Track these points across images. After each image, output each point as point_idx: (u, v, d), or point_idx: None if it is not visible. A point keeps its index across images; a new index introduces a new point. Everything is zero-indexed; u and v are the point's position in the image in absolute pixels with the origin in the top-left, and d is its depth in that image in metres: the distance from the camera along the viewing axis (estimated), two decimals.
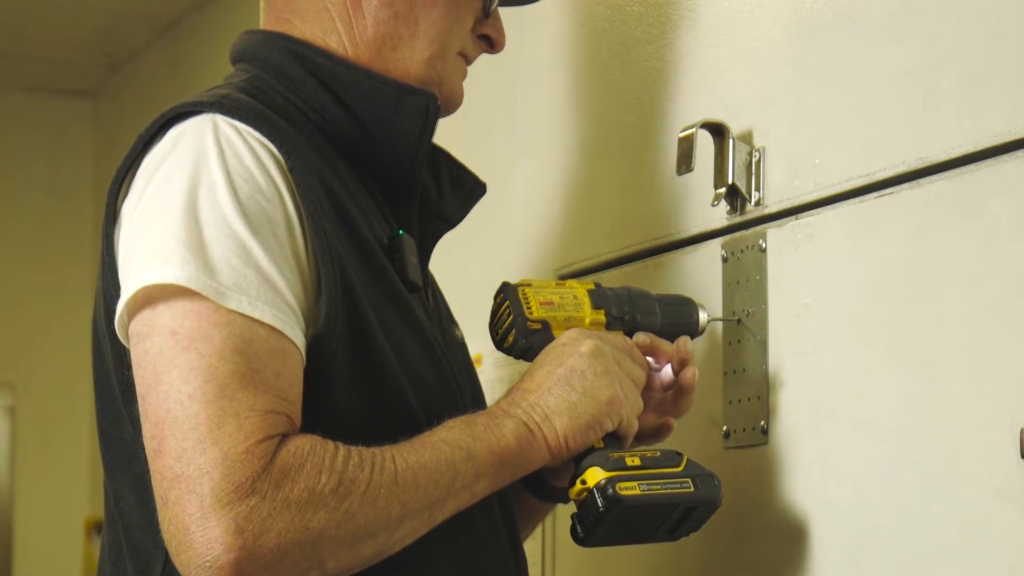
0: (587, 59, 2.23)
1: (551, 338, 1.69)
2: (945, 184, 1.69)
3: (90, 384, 1.63)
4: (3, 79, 4.76)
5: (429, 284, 1.76)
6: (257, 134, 1.55)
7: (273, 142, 1.55)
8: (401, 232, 1.67)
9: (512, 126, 2.43)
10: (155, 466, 1.45)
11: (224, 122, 1.55)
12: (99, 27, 4.29)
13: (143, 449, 1.48)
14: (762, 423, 1.88)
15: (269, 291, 1.48)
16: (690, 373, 1.76)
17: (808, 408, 1.83)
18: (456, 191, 1.80)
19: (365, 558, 1.48)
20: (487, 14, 1.77)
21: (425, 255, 1.77)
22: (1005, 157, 1.62)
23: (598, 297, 1.75)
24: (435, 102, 1.69)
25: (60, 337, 4.83)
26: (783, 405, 1.86)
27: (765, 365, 1.89)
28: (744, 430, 1.91)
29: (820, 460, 1.81)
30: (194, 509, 1.41)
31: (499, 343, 1.72)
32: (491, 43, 1.79)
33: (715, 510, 1.67)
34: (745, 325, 1.91)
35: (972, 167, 1.66)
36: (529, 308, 1.70)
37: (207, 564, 1.40)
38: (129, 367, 1.51)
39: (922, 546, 1.68)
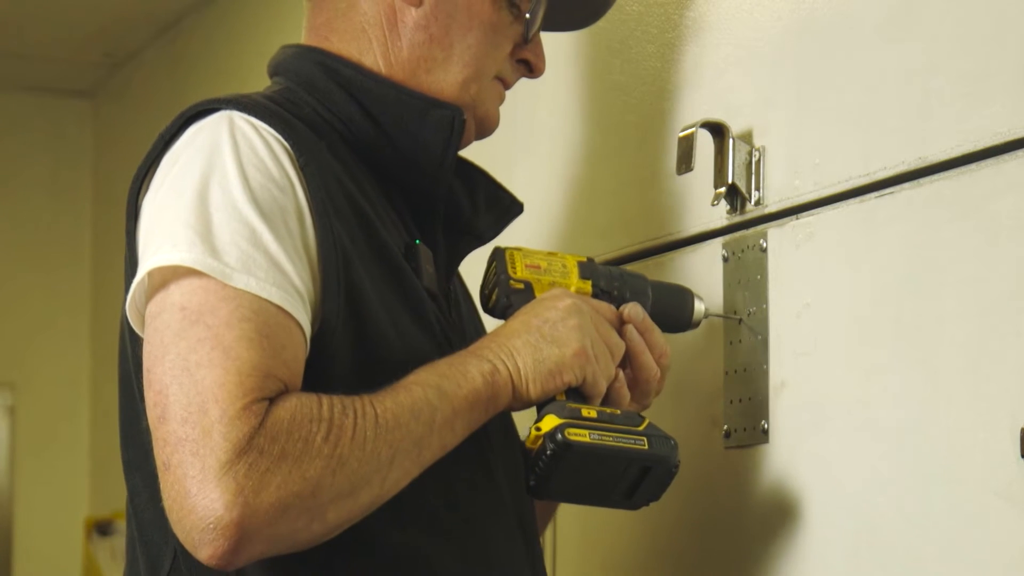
0: (587, 59, 2.23)
1: (533, 298, 1.70)
2: (945, 184, 1.69)
3: (90, 384, 1.65)
4: (3, 79, 4.76)
5: (452, 296, 1.77)
6: (272, 131, 1.58)
7: (287, 139, 1.58)
8: (418, 242, 1.68)
9: (511, 126, 2.43)
10: (158, 433, 1.46)
11: (240, 118, 1.58)
12: (99, 27, 4.29)
13: None
14: (763, 423, 1.88)
15: (277, 274, 1.50)
16: (627, 329, 1.72)
17: (809, 408, 1.83)
18: (491, 209, 1.82)
19: (364, 505, 1.50)
20: (527, 40, 1.78)
21: (452, 269, 1.78)
22: (1005, 157, 1.62)
23: (587, 269, 1.76)
24: (460, 116, 1.71)
25: (60, 337, 4.82)
26: (784, 405, 1.86)
27: (766, 365, 1.89)
28: (745, 430, 1.91)
29: (821, 460, 1.81)
30: (195, 472, 1.42)
31: (484, 304, 1.74)
32: (530, 68, 1.81)
33: (672, 474, 1.65)
34: (746, 324, 1.91)
35: (972, 167, 1.66)
36: (514, 268, 1.72)
37: (210, 526, 1.41)
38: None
39: (922, 546, 1.68)
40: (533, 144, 2.37)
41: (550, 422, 1.61)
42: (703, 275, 1.99)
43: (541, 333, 1.64)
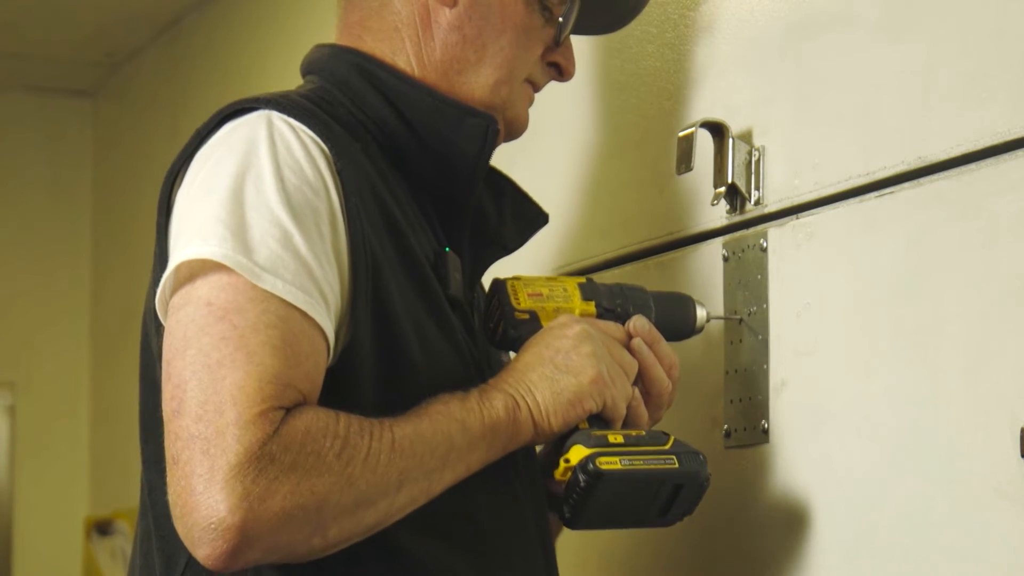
0: (587, 59, 2.23)
1: (539, 327, 1.70)
2: (945, 184, 1.69)
3: (90, 384, 1.65)
4: (2, 78, 4.75)
5: (476, 305, 1.77)
6: (310, 132, 1.58)
7: (325, 142, 1.58)
8: (447, 249, 1.68)
9: None
10: (171, 427, 1.46)
11: (279, 118, 1.58)
12: (99, 27, 4.28)
13: None
14: (763, 423, 1.88)
15: (305, 278, 1.50)
16: (634, 343, 1.72)
17: (809, 407, 1.83)
18: (517, 219, 1.82)
19: (367, 526, 1.50)
20: (558, 43, 1.79)
21: (476, 277, 1.78)
22: (1005, 157, 1.62)
23: (589, 290, 1.76)
24: (495, 125, 1.71)
25: (60, 337, 4.82)
26: (784, 405, 1.87)
27: (766, 364, 1.89)
28: (745, 429, 1.91)
29: (821, 459, 1.81)
30: (204, 470, 1.42)
31: (491, 337, 1.73)
32: (560, 71, 1.81)
33: (704, 489, 1.67)
34: (746, 324, 1.91)
35: (972, 167, 1.66)
36: (517, 299, 1.72)
37: (212, 526, 1.41)
38: None
39: (922, 546, 1.68)
40: (532, 144, 2.36)
41: (578, 453, 1.61)
42: (703, 275, 1.99)
43: (555, 364, 1.64)
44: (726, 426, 1.94)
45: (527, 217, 1.84)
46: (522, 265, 2.33)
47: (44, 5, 4.18)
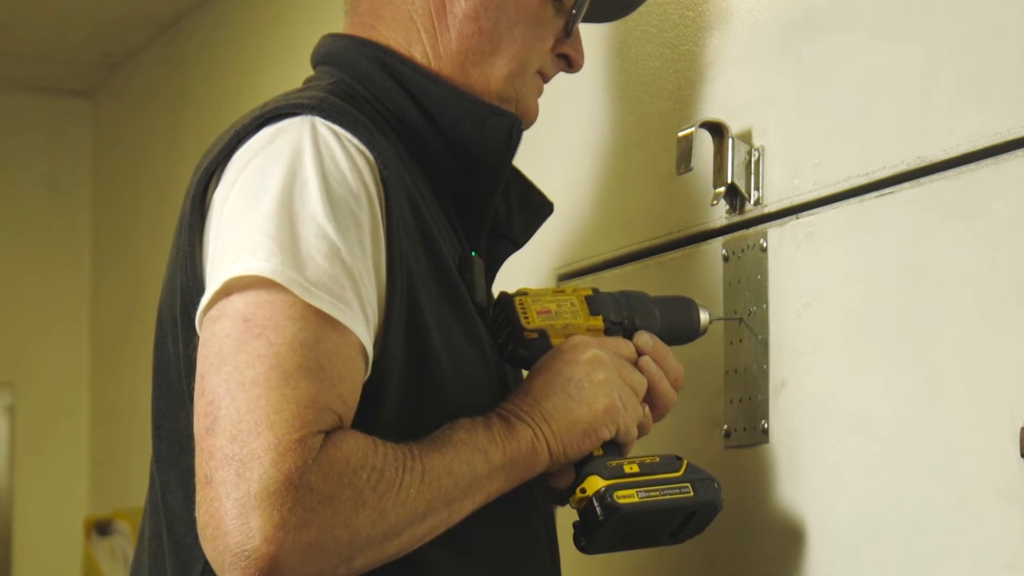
0: (587, 59, 2.22)
1: (549, 346, 1.69)
2: (945, 184, 1.69)
3: (90, 384, 1.64)
4: (3, 79, 4.75)
5: (492, 304, 1.76)
6: (356, 140, 1.55)
7: (371, 150, 1.55)
8: (473, 253, 1.68)
9: None
10: (204, 444, 1.43)
11: (323, 125, 1.55)
12: (99, 27, 4.28)
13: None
14: (763, 422, 1.88)
15: (351, 294, 1.48)
16: (643, 361, 1.72)
17: (809, 407, 1.83)
18: (524, 210, 1.81)
19: (388, 556, 1.49)
20: (568, 33, 1.78)
21: (492, 275, 1.77)
22: (1005, 156, 1.62)
23: (595, 303, 1.75)
24: (519, 124, 1.71)
25: (60, 337, 4.82)
26: (784, 404, 1.86)
27: (766, 364, 1.89)
28: (745, 429, 1.91)
29: (820, 459, 1.81)
30: (240, 495, 1.40)
31: (499, 352, 1.72)
32: (569, 62, 1.81)
33: (716, 514, 1.68)
34: (746, 324, 1.91)
35: (972, 167, 1.66)
36: (526, 318, 1.71)
37: (245, 553, 1.39)
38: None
39: (922, 545, 1.68)
40: (532, 144, 2.36)
41: (594, 484, 1.62)
42: (703, 275, 1.99)
43: (568, 393, 1.63)
44: (726, 426, 1.94)
45: (533, 207, 1.83)
46: (524, 265, 2.33)
47: (44, 5, 4.18)
